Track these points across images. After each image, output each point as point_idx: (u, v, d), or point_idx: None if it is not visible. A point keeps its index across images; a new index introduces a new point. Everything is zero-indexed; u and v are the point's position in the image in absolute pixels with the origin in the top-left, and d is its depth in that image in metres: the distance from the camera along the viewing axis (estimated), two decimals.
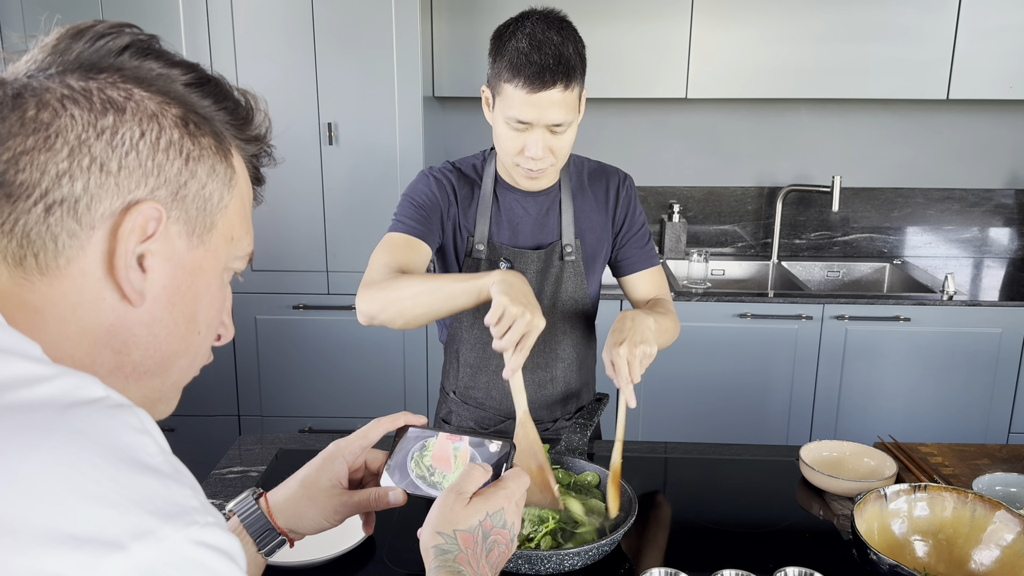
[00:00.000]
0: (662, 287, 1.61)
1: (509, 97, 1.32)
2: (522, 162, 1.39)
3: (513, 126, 1.35)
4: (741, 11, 2.64)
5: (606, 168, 1.58)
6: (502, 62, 1.32)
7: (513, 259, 1.51)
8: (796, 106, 3.03)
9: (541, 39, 1.30)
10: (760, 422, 2.68)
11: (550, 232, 1.53)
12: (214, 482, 1.44)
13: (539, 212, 1.52)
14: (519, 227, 1.52)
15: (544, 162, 1.38)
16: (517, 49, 1.30)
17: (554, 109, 1.32)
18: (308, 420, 2.70)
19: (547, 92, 1.30)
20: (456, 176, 1.52)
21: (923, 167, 3.08)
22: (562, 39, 1.31)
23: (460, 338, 1.59)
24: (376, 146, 2.48)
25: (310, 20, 2.40)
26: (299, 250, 2.57)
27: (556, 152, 1.38)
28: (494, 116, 1.40)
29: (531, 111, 1.32)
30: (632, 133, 3.07)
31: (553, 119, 1.33)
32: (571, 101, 1.34)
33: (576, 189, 1.54)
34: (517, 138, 1.36)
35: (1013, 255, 3.14)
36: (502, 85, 1.33)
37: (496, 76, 1.35)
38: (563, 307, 1.55)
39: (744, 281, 3.08)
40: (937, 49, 2.65)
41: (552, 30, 1.31)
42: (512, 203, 1.51)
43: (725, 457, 1.56)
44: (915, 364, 2.61)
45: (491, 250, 1.51)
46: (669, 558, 1.22)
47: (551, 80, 1.29)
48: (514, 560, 1.12)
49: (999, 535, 1.18)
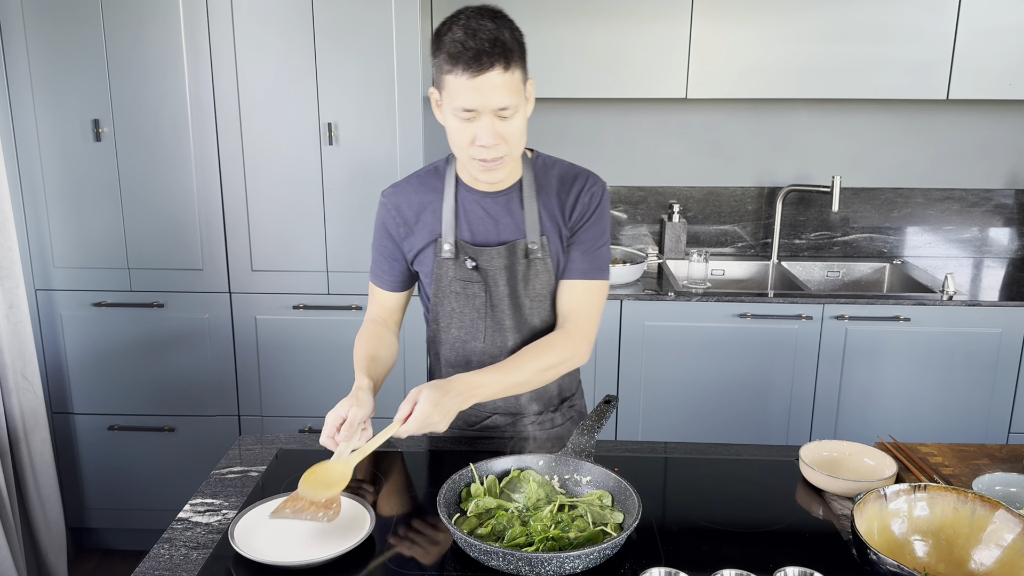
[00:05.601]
0: (586, 303, 1.54)
1: (452, 87, 1.35)
2: (475, 153, 1.40)
3: (461, 116, 1.37)
4: (741, 11, 2.64)
5: (577, 171, 1.57)
6: (441, 56, 1.35)
7: (476, 257, 1.53)
8: (796, 106, 3.03)
9: (475, 27, 1.33)
10: (760, 422, 2.68)
11: (513, 231, 1.54)
12: (214, 482, 1.45)
13: (499, 211, 1.53)
14: (480, 227, 1.54)
15: (497, 150, 1.39)
16: (454, 39, 1.33)
17: (496, 92, 1.34)
18: (308, 420, 2.70)
19: (487, 75, 1.32)
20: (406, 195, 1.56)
21: (923, 167, 3.08)
22: (496, 26, 1.35)
23: (439, 339, 1.62)
24: (376, 146, 2.48)
25: (310, 20, 2.40)
26: (299, 250, 2.57)
27: (507, 139, 1.39)
28: (442, 113, 1.42)
29: (475, 96, 1.34)
30: (632, 133, 3.07)
31: (497, 103, 1.35)
32: (513, 84, 1.36)
33: (540, 188, 1.54)
34: (467, 129, 1.38)
35: (1013, 255, 3.14)
36: (444, 78, 1.35)
37: (438, 71, 1.37)
38: (533, 305, 1.56)
39: (744, 281, 3.08)
40: (937, 49, 2.65)
41: (486, 18, 1.35)
42: (472, 204, 1.54)
43: (725, 457, 1.56)
44: (915, 364, 2.61)
45: (456, 249, 1.54)
46: (669, 558, 1.22)
47: (488, 63, 1.32)
48: (515, 563, 1.12)
49: (999, 535, 1.18)
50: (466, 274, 1.54)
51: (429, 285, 1.59)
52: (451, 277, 1.55)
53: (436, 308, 1.59)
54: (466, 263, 1.53)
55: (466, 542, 1.16)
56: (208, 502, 1.38)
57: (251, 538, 1.23)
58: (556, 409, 1.67)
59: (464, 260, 1.53)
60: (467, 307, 1.57)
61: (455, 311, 1.58)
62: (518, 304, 1.56)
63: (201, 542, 1.26)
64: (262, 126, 2.48)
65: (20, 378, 2.45)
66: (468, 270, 1.54)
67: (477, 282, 1.55)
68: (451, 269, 1.54)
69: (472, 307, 1.57)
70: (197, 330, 2.63)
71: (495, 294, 1.55)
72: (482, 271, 1.54)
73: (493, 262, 1.53)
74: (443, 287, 1.56)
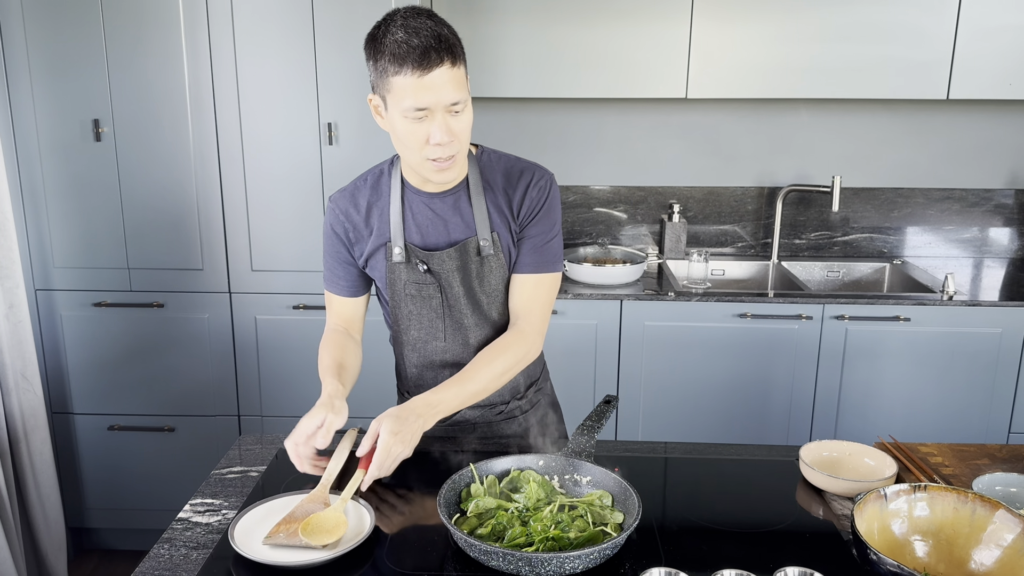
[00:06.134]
0: (536, 297, 1.55)
1: (400, 89, 1.33)
2: (429, 153, 1.38)
3: (413, 117, 1.35)
4: (741, 11, 2.64)
5: (523, 165, 1.55)
6: (384, 59, 1.33)
7: (427, 261, 1.52)
8: (796, 106, 3.03)
9: (416, 26, 1.32)
10: (760, 422, 2.68)
11: (462, 229, 1.53)
12: (214, 482, 1.45)
13: (447, 211, 1.53)
14: (429, 229, 1.53)
15: (451, 147, 1.38)
16: (395, 40, 1.31)
17: (447, 87, 1.33)
18: None
19: (436, 71, 1.32)
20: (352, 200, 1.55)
21: (923, 167, 3.08)
22: (435, 23, 1.34)
23: (401, 340, 1.63)
24: (376, 146, 2.48)
25: (310, 20, 2.40)
26: (299, 250, 2.57)
27: (458, 135, 1.39)
28: (389, 118, 1.39)
29: (426, 94, 1.32)
30: (632, 133, 3.07)
31: (449, 98, 1.34)
32: (460, 79, 1.36)
33: (487, 184, 1.53)
34: (419, 130, 1.36)
35: (1013, 255, 3.14)
36: (390, 80, 1.34)
37: (382, 75, 1.35)
38: (490, 301, 1.56)
39: (744, 281, 3.08)
40: (937, 49, 2.65)
41: (423, 16, 1.34)
42: (419, 206, 1.53)
43: (725, 457, 1.56)
44: (915, 364, 2.61)
45: (408, 252, 1.53)
46: (669, 558, 1.22)
47: (437, 59, 1.31)
48: (515, 563, 1.12)
49: (999, 535, 1.18)
50: (419, 277, 1.54)
51: (385, 289, 1.58)
52: (404, 280, 1.55)
53: (394, 311, 1.59)
54: (418, 267, 1.53)
55: (466, 542, 1.16)
56: (208, 502, 1.38)
57: (251, 538, 1.23)
58: (522, 396, 1.68)
59: (416, 264, 1.53)
60: (424, 308, 1.57)
61: (413, 313, 1.58)
62: (475, 301, 1.56)
63: (201, 542, 1.26)
64: (262, 126, 2.48)
65: (20, 378, 2.45)
66: (421, 273, 1.53)
67: (431, 284, 1.54)
68: (404, 273, 1.54)
69: (429, 308, 1.57)
70: (197, 330, 2.63)
71: (451, 294, 1.55)
72: (435, 273, 1.53)
73: (445, 264, 1.52)
74: (398, 291, 1.56)
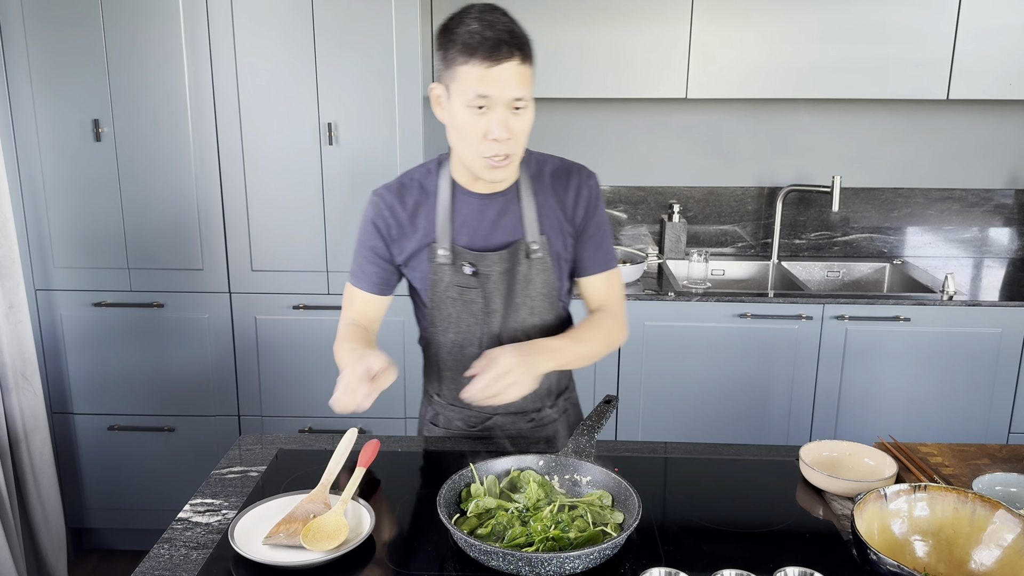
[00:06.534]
0: (612, 292, 1.60)
1: (467, 77, 1.34)
2: (486, 149, 1.38)
3: (474, 106, 1.35)
4: (741, 11, 2.64)
5: (569, 166, 1.57)
6: (454, 48, 1.34)
7: (476, 262, 1.50)
8: (796, 106, 3.03)
9: (491, 19, 1.33)
10: (760, 422, 2.68)
11: (511, 231, 1.52)
12: (214, 482, 1.45)
13: (497, 213, 1.51)
14: (478, 230, 1.51)
15: (508, 145, 1.38)
16: (469, 31, 1.32)
17: (513, 83, 1.34)
18: (308, 420, 2.70)
19: (505, 64, 1.32)
20: (399, 196, 1.53)
21: (923, 167, 3.08)
22: (509, 19, 1.36)
23: (437, 342, 1.61)
24: (376, 146, 2.48)
25: (310, 20, 2.40)
26: (299, 250, 2.57)
27: (516, 135, 1.38)
28: (450, 107, 1.39)
29: (491, 85, 1.33)
30: (632, 133, 3.07)
31: (513, 92, 1.34)
32: (527, 77, 1.36)
33: (537, 187, 1.53)
34: (479, 122, 1.36)
35: (1013, 255, 3.14)
36: (458, 69, 1.34)
37: (450, 63, 1.35)
38: (534, 304, 1.55)
39: (744, 281, 3.08)
40: (937, 49, 2.65)
41: (498, 12, 1.36)
42: (469, 206, 1.51)
43: (725, 457, 1.56)
44: (915, 364, 2.61)
45: (454, 254, 1.51)
46: (669, 558, 1.22)
47: (507, 52, 1.32)
48: (515, 563, 1.12)
49: (999, 535, 1.18)
50: (464, 279, 1.52)
51: (424, 290, 1.56)
52: (447, 283, 1.52)
53: (432, 313, 1.57)
54: (464, 269, 1.51)
55: (466, 542, 1.16)
56: (208, 502, 1.38)
57: (251, 538, 1.23)
58: (553, 405, 1.68)
59: (462, 266, 1.51)
60: (464, 312, 1.55)
61: (452, 316, 1.55)
62: (516, 305, 1.54)
63: (201, 542, 1.26)
64: (262, 126, 2.48)
65: (20, 378, 2.45)
66: (466, 276, 1.51)
67: (475, 288, 1.52)
68: (447, 274, 1.52)
69: (469, 312, 1.55)
70: (197, 330, 2.63)
71: (494, 298, 1.53)
72: (481, 276, 1.51)
73: (494, 267, 1.51)
74: (439, 293, 1.54)
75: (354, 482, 1.35)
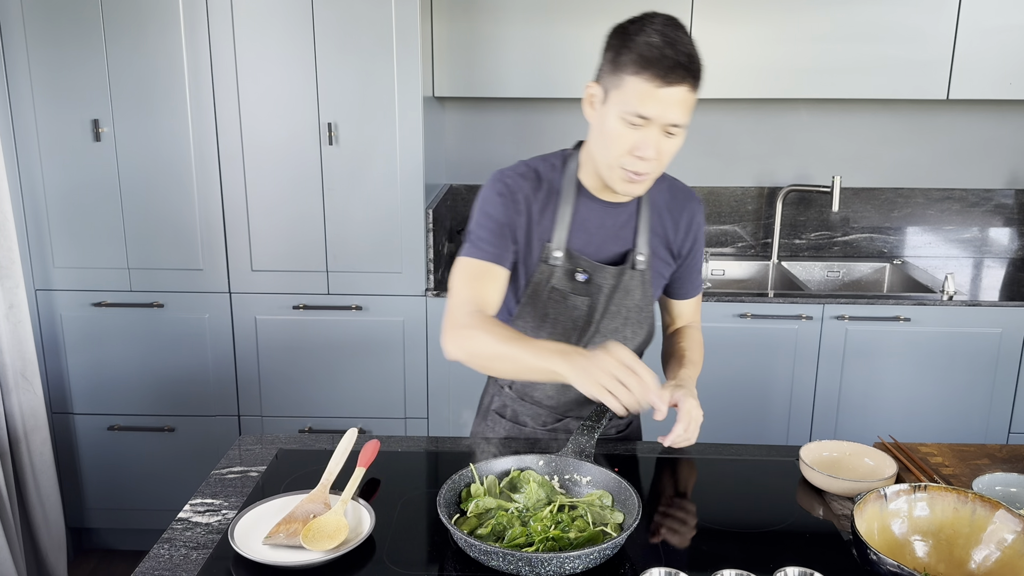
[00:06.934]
0: (698, 312, 1.70)
1: (632, 90, 1.29)
2: (627, 163, 1.34)
3: (630, 121, 1.31)
4: (741, 11, 2.64)
5: (685, 191, 1.57)
6: (628, 55, 1.28)
7: (591, 272, 1.48)
8: (796, 106, 3.03)
9: (673, 37, 1.28)
10: (760, 422, 2.68)
11: (623, 242, 1.50)
12: (214, 482, 1.45)
13: (616, 225, 1.49)
14: (594, 236, 1.48)
15: (650, 165, 1.34)
16: (648, 43, 1.27)
17: (677, 108, 1.30)
18: (308, 420, 2.70)
19: (675, 88, 1.28)
20: (532, 183, 1.46)
21: (923, 167, 3.08)
22: (690, 40, 1.30)
23: None
24: (376, 146, 2.48)
25: (310, 20, 2.40)
26: (299, 250, 2.57)
27: (662, 157, 1.34)
28: (604, 112, 1.34)
29: (655, 106, 1.28)
30: None
31: (673, 118, 1.30)
32: (691, 104, 1.32)
33: (654, 204, 1.52)
34: (629, 136, 1.32)
35: (1013, 255, 3.14)
36: (625, 79, 1.29)
37: (618, 69, 1.30)
38: (629, 315, 1.53)
39: (744, 281, 3.08)
40: (937, 49, 2.65)
41: (681, 31, 1.30)
42: (591, 212, 1.47)
43: (725, 457, 1.56)
44: (915, 364, 2.61)
45: (568, 259, 1.47)
46: (669, 558, 1.22)
47: (681, 77, 1.27)
48: (515, 563, 1.12)
49: (999, 535, 1.18)
50: (573, 285, 1.48)
51: (524, 287, 1.49)
52: (552, 285, 1.48)
53: (524, 308, 1.51)
54: (577, 276, 1.47)
55: (466, 542, 1.16)
56: (208, 502, 1.38)
57: (251, 538, 1.23)
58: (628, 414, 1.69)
59: (575, 272, 1.47)
60: (562, 315, 1.50)
61: (548, 317, 1.50)
62: (612, 314, 1.52)
63: (201, 542, 1.26)
64: (262, 126, 2.48)
65: (20, 378, 2.45)
66: (578, 283, 1.48)
67: (582, 296, 1.49)
68: (557, 277, 1.47)
69: (568, 316, 1.50)
70: (197, 330, 2.63)
71: (596, 309, 1.50)
72: (593, 286, 1.48)
73: (607, 280, 1.48)
74: (542, 292, 1.48)
75: (354, 482, 1.36)
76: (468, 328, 1.33)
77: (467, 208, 3.12)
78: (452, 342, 1.34)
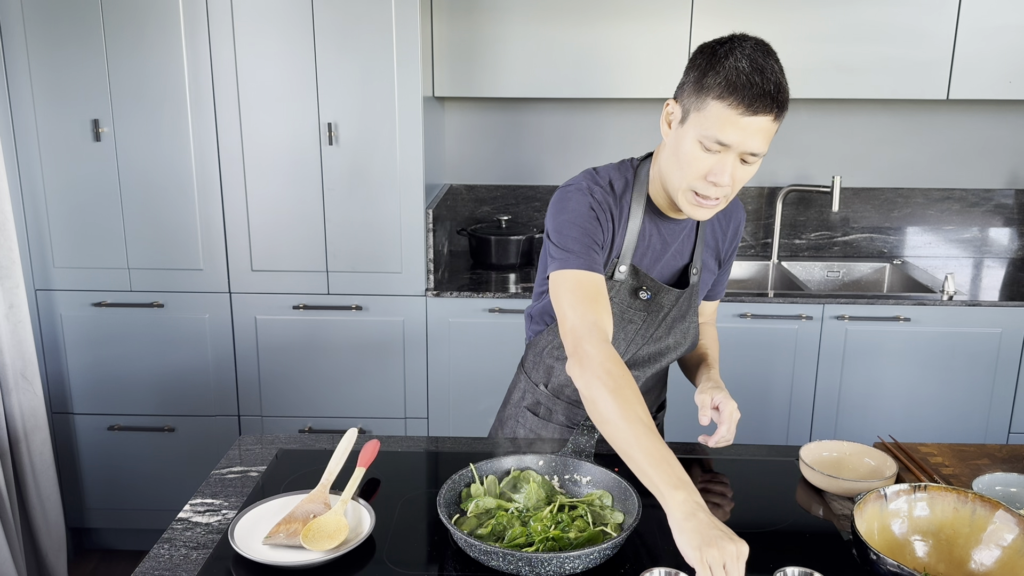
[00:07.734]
0: (715, 314, 1.74)
1: (714, 115, 1.26)
2: (700, 187, 1.32)
3: (708, 146, 1.28)
4: (741, 11, 2.64)
5: (735, 200, 1.58)
6: (715, 78, 1.25)
7: (655, 292, 1.48)
8: (796, 106, 3.03)
9: (762, 64, 1.24)
10: (760, 422, 2.68)
11: (681, 257, 1.51)
12: (214, 482, 1.45)
13: (674, 238, 1.49)
14: (659, 255, 1.48)
15: (722, 191, 1.32)
16: (737, 68, 1.23)
17: (757, 137, 1.26)
18: (308, 420, 2.70)
19: (759, 118, 1.25)
20: (612, 197, 1.44)
21: (923, 167, 3.08)
22: (779, 68, 1.27)
23: (556, 343, 1.57)
24: (376, 146, 2.48)
25: (310, 20, 2.40)
26: (299, 250, 2.57)
27: (736, 184, 1.32)
28: (682, 132, 1.31)
29: (736, 134, 1.25)
30: (632, 133, 3.07)
31: (753, 147, 1.27)
32: (772, 134, 1.29)
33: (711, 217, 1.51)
34: (705, 160, 1.29)
35: (1013, 255, 3.14)
36: (709, 102, 1.26)
37: (702, 91, 1.27)
38: (673, 324, 1.54)
39: (744, 281, 3.08)
40: (937, 49, 2.65)
41: (771, 58, 1.26)
42: (657, 230, 1.47)
43: (725, 457, 1.56)
44: (915, 364, 2.61)
45: (633, 276, 1.46)
46: (669, 558, 1.22)
47: (767, 107, 1.24)
48: (515, 563, 1.12)
49: (999, 535, 1.18)
50: (635, 303, 1.47)
51: None
52: (615, 300, 1.46)
53: None
54: (641, 294, 1.46)
55: (466, 542, 1.16)
56: (208, 502, 1.38)
57: (251, 538, 1.23)
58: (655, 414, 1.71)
59: (640, 290, 1.46)
60: (617, 327, 1.48)
61: None
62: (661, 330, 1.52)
63: (201, 542, 1.26)
64: (262, 126, 2.48)
65: (20, 378, 2.45)
66: (641, 300, 1.47)
67: (641, 311, 1.48)
68: (620, 293, 1.46)
69: (623, 329, 1.49)
70: (197, 330, 2.63)
71: (651, 324, 1.50)
72: (653, 303, 1.48)
73: (668, 299, 1.48)
74: None
75: (354, 482, 1.36)
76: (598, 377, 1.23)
77: (467, 208, 3.12)
78: (581, 379, 1.26)
